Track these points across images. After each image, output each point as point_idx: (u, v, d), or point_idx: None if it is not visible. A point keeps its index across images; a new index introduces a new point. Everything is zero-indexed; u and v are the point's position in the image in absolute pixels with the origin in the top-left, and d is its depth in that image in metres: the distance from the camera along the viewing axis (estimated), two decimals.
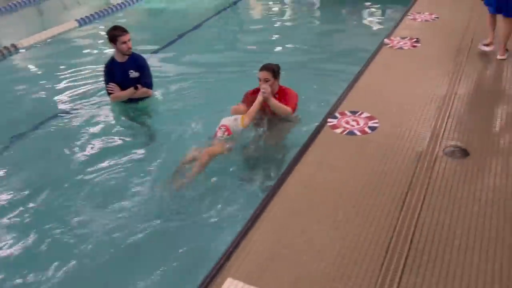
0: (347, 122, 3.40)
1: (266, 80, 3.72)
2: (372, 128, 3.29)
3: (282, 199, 2.67)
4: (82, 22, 8.04)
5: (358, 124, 3.36)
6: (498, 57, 4.37)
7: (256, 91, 3.92)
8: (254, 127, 3.74)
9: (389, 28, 5.63)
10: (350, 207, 2.56)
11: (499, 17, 4.34)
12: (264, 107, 3.80)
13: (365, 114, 3.48)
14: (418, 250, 2.26)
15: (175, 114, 4.46)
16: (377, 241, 2.32)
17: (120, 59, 4.20)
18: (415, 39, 4.87)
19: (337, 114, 3.53)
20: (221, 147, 3.46)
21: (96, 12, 8.42)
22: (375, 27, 7.13)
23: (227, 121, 3.60)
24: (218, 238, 2.71)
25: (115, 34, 4.07)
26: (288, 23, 8.13)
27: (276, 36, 7.31)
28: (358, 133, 3.25)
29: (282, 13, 8.91)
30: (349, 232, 2.39)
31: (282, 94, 3.90)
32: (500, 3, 4.17)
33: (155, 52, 6.47)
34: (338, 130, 3.31)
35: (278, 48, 6.62)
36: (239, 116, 3.61)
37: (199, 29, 7.95)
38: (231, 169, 3.51)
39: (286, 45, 6.73)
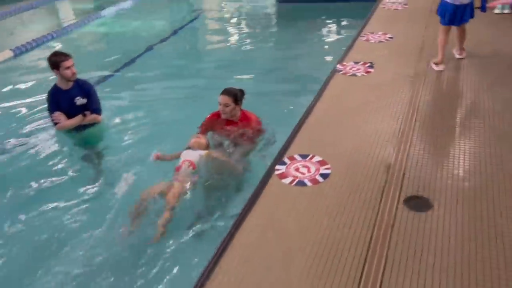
0: (297, 169, 3.00)
1: (226, 105, 3.60)
2: (324, 176, 2.91)
3: (217, 282, 2.23)
4: (18, 51, 7.42)
5: (309, 171, 2.97)
6: (457, 56, 4.51)
7: (215, 115, 3.78)
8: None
9: (346, 45, 5.39)
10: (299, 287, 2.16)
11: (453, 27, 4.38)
12: (227, 134, 3.71)
13: (316, 158, 3.11)
14: None
15: (129, 141, 4.25)
16: None
17: (64, 86, 3.95)
18: (368, 64, 4.57)
19: (285, 159, 3.13)
20: (186, 183, 3.22)
21: (33, 40, 7.81)
22: (331, 46, 6.87)
23: (191, 156, 3.41)
24: None
25: (57, 60, 3.81)
26: (244, 44, 7.86)
27: (231, 58, 7.05)
28: (309, 183, 2.86)
29: (238, 32, 8.63)
30: None
31: (244, 121, 3.74)
32: (453, 15, 4.21)
33: (107, 76, 6.16)
34: (287, 180, 2.91)
35: (231, 73, 6.31)
36: (203, 153, 3.44)
37: (153, 51, 7.68)
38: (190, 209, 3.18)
39: (240, 70, 6.45)
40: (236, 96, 3.65)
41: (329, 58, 6.03)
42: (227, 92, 3.64)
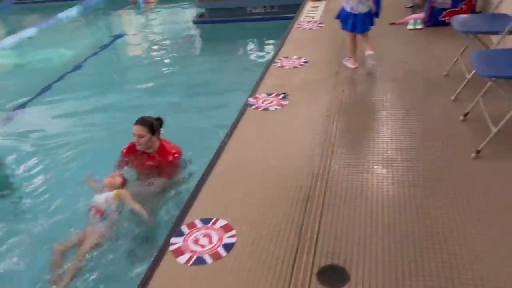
0: (196, 241, 2.54)
1: (140, 136, 3.37)
2: (228, 247, 2.47)
3: None
4: None
5: (210, 242, 2.51)
6: (371, 62, 4.51)
7: (131, 147, 3.58)
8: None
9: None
10: None
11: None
12: (143, 168, 3.53)
13: (220, 222, 2.66)
14: None
15: (34, 185, 3.99)
16: None
17: None
18: (282, 95, 4.23)
19: (184, 228, 2.65)
20: (94, 236, 3.05)
21: None
22: (249, 71, 6.54)
23: (98, 201, 3.21)
24: None
25: None
26: (161, 70, 7.48)
27: (147, 85, 6.75)
28: (210, 260, 2.40)
29: (155, 58, 8.20)
30: None
31: (162, 153, 3.53)
32: (354, 23, 4.37)
33: (9, 113, 5.82)
34: (183, 259, 2.43)
35: (147, 100, 6.04)
36: (110, 195, 3.21)
37: (63, 81, 7.14)
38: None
39: (155, 98, 6.18)
40: (152, 125, 3.39)
41: (246, 86, 5.72)
42: (141, 121, 3.38)
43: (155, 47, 8.80)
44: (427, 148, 3.21)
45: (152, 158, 3.57)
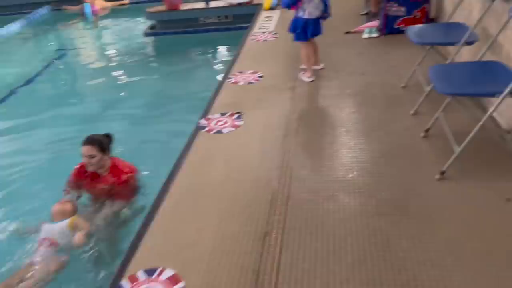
0: None
1: (91, 156, 3.15)
2: None
3: None
4: None
5: None
6: (317, 67, 4.70)
7: (81, 169, 3.34)
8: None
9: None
10: None
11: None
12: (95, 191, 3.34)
13: (166, 273, 2.34)
14: None
15: None
16: None
17: None
18: (236, 114, 3.96)
19: (124, 284, 2.32)
20: (50, 268, 2.81)
21: None
22: (205, 87, 6.25)
23: (50, 231, 2.98)
24: None
25: None
26: (111, 85, 7.08)
27: (98, 101, 6.37)
28: None
29: (105, 72, 7.75)
30: None
31: (114, 172, 3.29)
32: (314, 29, 4.37)
33: None
34: None
35: (98, 118, 5.65)
36: (65, 224, 2.99)
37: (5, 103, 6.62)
38: None
39: (106, 114, 5.78)
40: (101, 143, 3.17)
41: (199, 100, 5.43)
42: (89, 140, 3.16)
43: (105, 61, 8.37)
44: (390, 170, 3.02)
45: (105, 178, 3.32)
